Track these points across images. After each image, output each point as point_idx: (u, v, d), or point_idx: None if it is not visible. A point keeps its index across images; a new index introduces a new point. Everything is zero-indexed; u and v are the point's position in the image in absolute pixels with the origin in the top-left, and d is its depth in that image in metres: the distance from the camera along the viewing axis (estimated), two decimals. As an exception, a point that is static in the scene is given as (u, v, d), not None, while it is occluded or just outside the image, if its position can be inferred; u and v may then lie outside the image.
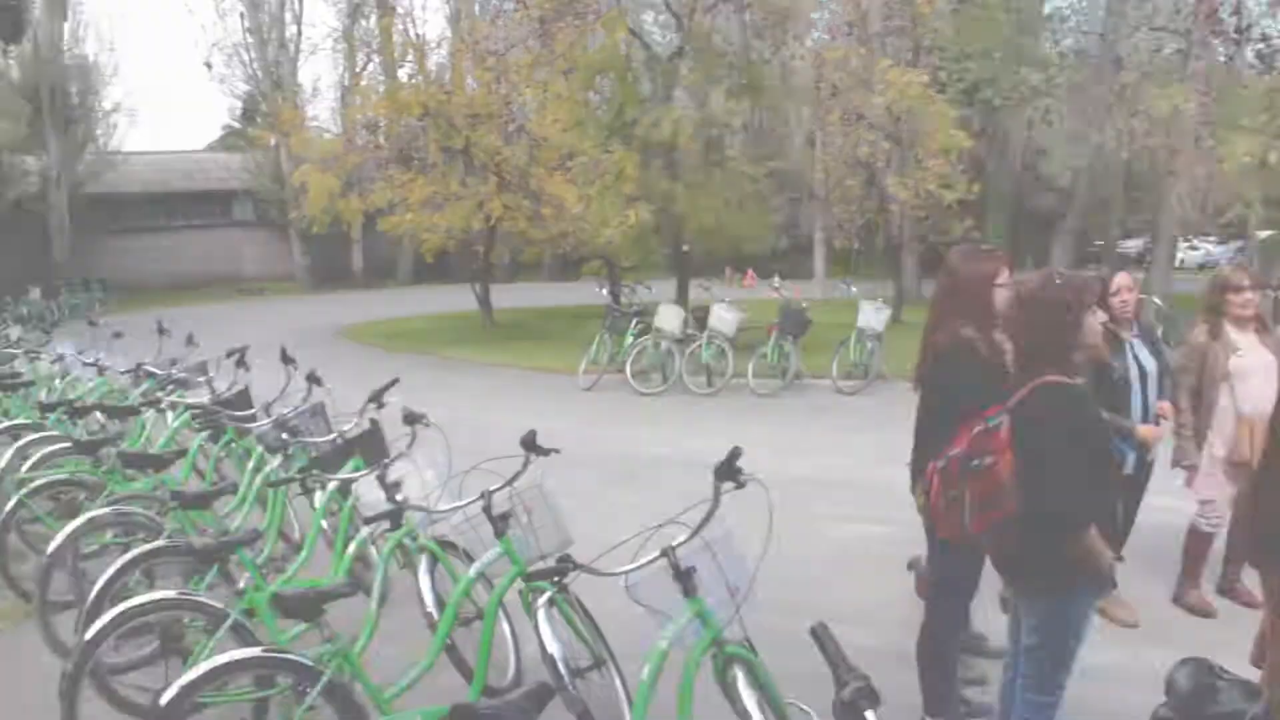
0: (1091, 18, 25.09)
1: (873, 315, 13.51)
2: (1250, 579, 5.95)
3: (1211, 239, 35.62)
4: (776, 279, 16.80)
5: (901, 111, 17.39)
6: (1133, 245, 36.63)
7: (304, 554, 5.53)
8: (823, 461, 9.65)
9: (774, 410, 12.46)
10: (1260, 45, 12.97)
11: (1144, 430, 5.34)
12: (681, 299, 16.18)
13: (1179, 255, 26.00)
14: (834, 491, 8.54)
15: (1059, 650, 3.59)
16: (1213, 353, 5.56)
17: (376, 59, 34.91)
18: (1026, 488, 3.35)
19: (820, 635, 2.54)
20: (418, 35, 22.30)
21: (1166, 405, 5.53)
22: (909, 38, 24.40)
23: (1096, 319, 3.47)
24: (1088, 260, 32.86)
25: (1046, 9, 25.08)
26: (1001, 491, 3.37)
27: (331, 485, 5.64)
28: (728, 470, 3.57)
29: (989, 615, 5.13)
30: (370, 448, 5.90)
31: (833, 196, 17.83)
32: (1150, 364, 5.54)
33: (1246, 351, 5.54)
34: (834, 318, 15.23)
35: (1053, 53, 22.95)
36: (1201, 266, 32.62)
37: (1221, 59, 13.58)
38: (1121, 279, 5.52)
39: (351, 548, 5.03)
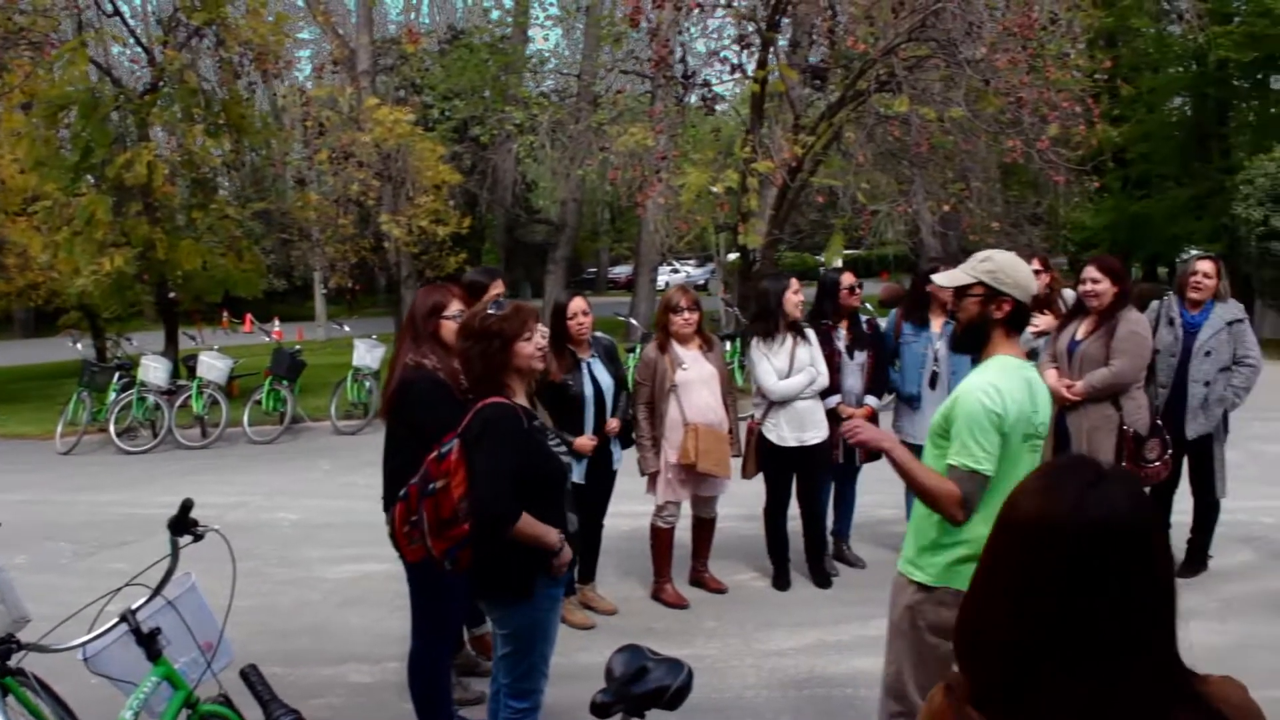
0: (571, 60, 26.81)
1: (367, 353, 13.56)
2: (714, 567, 6.69)
3: (691, 262, 39.20)
4: (276, 322, 16.41)
5: (391, 149, 17.64)
6: (622, 271, 39.60)
7: None
8: (320, 504, 9.59)
9: (272, 457, 12.19)
10: (704, 91, 14.60)
11: (580, 441, 5.78)
12: (170, 349, 15.31)
13: (662, 278, 28.38)
14: (330, 533, 8.52)
15: (531, 655, 3.78)
16: (662, 367, 6.17)
17: None
18: (470, 502, 3.55)
19: (250, 677, 2.61)
20: None
21: (614, 423, 6.01)
22: (398, 76, 24.85)
23: (533, 345, 3.70)
24: (583, 287, 35.07)
25: (529, 51, 26.45)
26: (456, 511, 3.54)
27: None
28: (182, 523, 3.45)
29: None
30: None
31: (326, 236, 17.68)
32: (607, 381, 6.03)
33: (690, 365, 6.19)
34: (335, 358, 15.13)
35: (535, 93, 24.26)
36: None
37: (675, 101, 15.08)
38: (577, 303, 5.99)
39: None
